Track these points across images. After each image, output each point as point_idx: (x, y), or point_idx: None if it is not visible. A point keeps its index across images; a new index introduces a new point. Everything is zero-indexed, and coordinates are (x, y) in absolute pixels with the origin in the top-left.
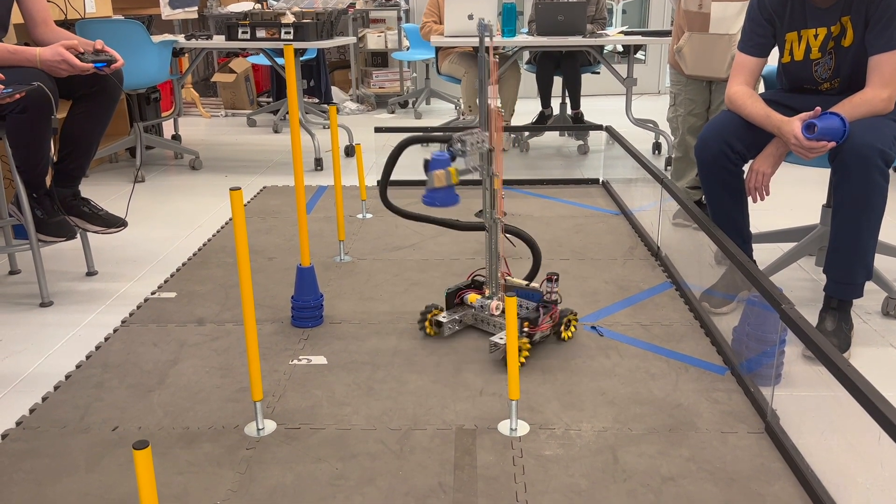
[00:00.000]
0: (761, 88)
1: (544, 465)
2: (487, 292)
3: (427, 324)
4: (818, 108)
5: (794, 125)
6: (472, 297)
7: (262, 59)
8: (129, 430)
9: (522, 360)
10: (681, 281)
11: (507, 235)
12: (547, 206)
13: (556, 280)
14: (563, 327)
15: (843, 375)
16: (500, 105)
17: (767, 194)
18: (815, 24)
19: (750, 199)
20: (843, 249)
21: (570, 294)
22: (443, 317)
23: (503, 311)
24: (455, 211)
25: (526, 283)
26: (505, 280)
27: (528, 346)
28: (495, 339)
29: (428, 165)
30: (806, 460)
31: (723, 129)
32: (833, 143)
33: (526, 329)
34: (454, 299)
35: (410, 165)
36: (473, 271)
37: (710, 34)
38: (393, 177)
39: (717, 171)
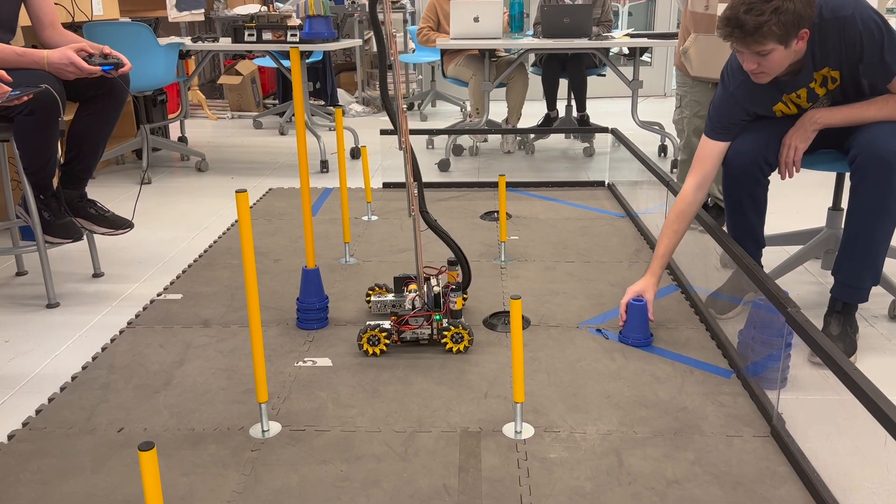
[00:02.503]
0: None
1: (549, 468)
2: (415, 286)
3: (368, 295)
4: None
5: (650, 290)
6: (411, 287)
7: (268, 62)
8: (134, 432)
9: (375, 350)
10: (686, 284)
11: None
12: (552, 208)
13: (457, 289)
14: (450, 339)
15: (850, 379)
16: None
17: (797, 170)
18: (791, 89)
19: (779, 176)
20: (855, 253)
21: (575, 296)
22: (378, 296)
23: (414, 306)
24: (459, 210)
25: (436, 283)
26: (426, 276)
27: (387, 339)
28: (371, 322)
29: None
30: (812, 464)
31: (759, 141)
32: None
33: (389, 324)
34: (401, 285)
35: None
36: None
37: (717, 35)
38: (397, 179)
39: (747, 182)
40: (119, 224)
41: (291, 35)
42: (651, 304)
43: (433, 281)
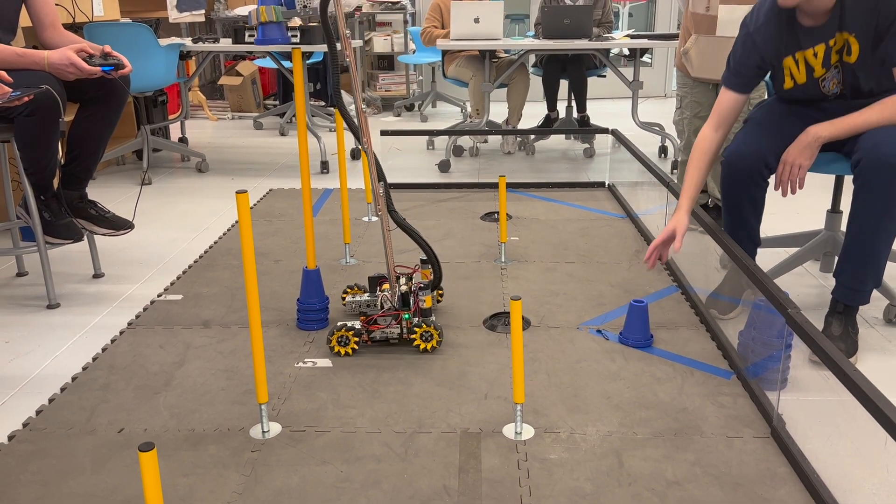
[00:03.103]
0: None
1: (549, 469)
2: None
3: (343, 296)
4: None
5: (682, 225)
6: (384, 287)
7: (268, 62)
8: (134, 432)
9: (346, 350)
10: (686, 285)
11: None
12: (553, 209)
13: (424, 289)
14: (420, 338)
15: (850, 380)
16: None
17: (801, 188)
18: (810, 43)
19: (780, 191)
20: (857, 256)
21: (575, 297)
22: (352, 296)
23: (384, 305)
24: (459, 211)
25: (405, 283)
26: (397, 276)
27: (357, 339)
28: (340, 322)
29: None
30: (812, 465)
31: (760, 143)
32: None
33: (358, 325)
34: (375, 284)
35: (416, 169)
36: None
37: (718, 37)
38: (397, 180)
39: (746, 184)
40: (119, 225)
41: (292, 36)
42: (681, 238)
43: (402, 280)
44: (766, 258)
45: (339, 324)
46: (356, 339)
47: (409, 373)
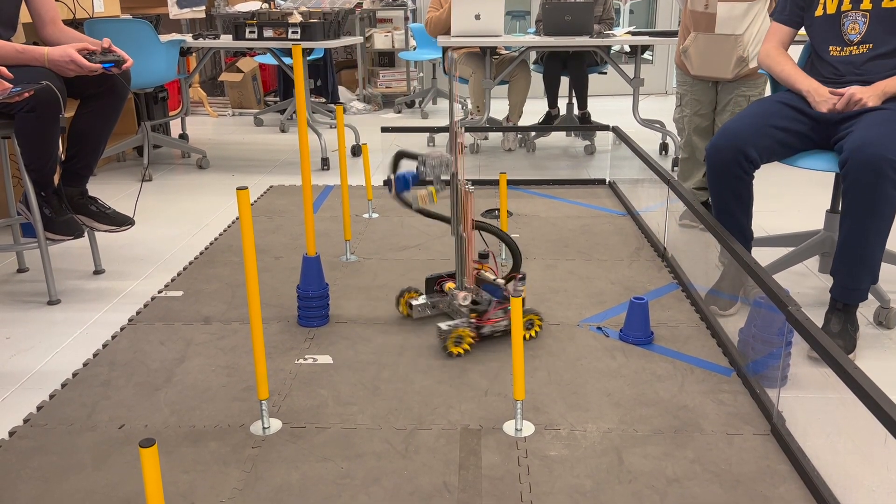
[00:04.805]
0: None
1: (549, 466)
2: (453, 284)
3: (402, 302)
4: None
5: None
6: (449, 286)
7: (269, 59)
8: (135, 429)
9: (460, 350)
10: (687, 282)
11: (484, 234)
12: (553, 206)
13: (523, 279)
14: (524, 327)
15: (850, 378)
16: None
17: (857, 107)
18: None
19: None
20: (850, 255)
21: (576, 294)
22: (415, 300)
23: (470, 301)
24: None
25: (494, 278)
26: (477, 274)
27: (471, 336)
28: (442, 325)
29: (395, 185)
30: (812, 463)
31: (737, 136)
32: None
33: (473, 320)
34: (433, 286)
35: None
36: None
37: (716, 34)
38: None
39: (728, 179)
40: (120, 221)
41: (293, 32)
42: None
43: (489, 275)
44: (764, 255)
45: (445, 325)
46: (471, 337)
47: (409, 369)
